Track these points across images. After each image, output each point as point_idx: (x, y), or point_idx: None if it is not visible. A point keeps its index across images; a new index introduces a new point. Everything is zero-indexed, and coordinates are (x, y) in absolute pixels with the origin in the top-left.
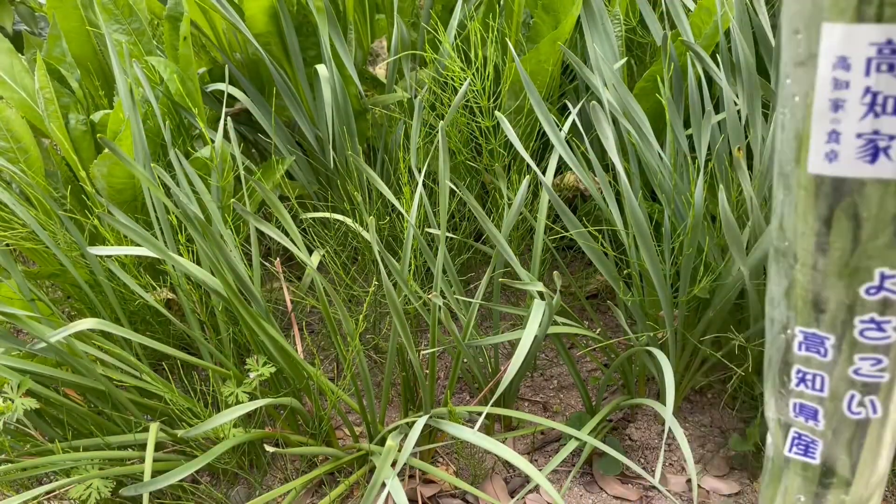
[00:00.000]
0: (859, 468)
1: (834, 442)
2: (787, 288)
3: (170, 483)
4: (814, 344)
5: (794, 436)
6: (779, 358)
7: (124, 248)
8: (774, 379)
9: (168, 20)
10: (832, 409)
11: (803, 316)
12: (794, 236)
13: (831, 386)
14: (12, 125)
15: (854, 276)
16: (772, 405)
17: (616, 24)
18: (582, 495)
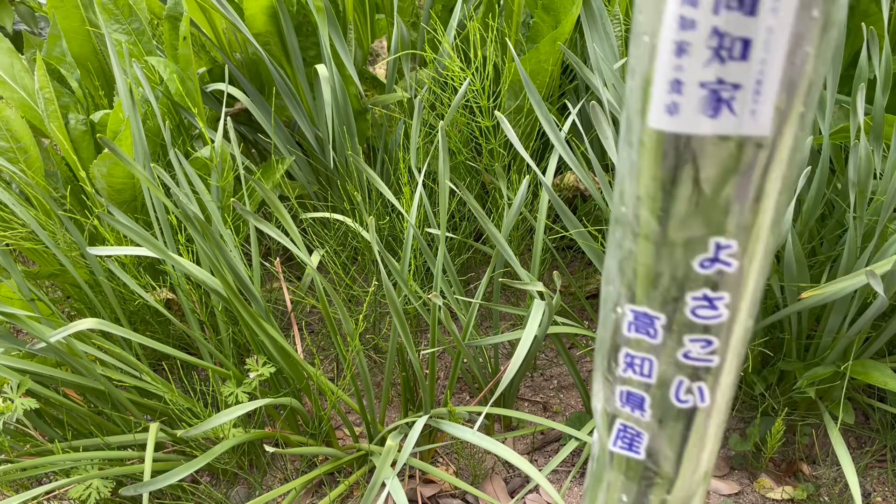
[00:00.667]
0: (683, 464)
1: (659, 434)
2: (620, 261)
3: (169, 483)
4: (643, 324)
5: (620, 428)
6: (608, 340)
7: (124, 248)
8: (603, 364)
9: (168, 20)
10: (659, 397)
11: (634, 292)
12: (632, 201)
13: (659, 371)
14: (12, 125)
15: (688, 248)
16: (599, 394)
17: (616, 24)
18: (582, 495)
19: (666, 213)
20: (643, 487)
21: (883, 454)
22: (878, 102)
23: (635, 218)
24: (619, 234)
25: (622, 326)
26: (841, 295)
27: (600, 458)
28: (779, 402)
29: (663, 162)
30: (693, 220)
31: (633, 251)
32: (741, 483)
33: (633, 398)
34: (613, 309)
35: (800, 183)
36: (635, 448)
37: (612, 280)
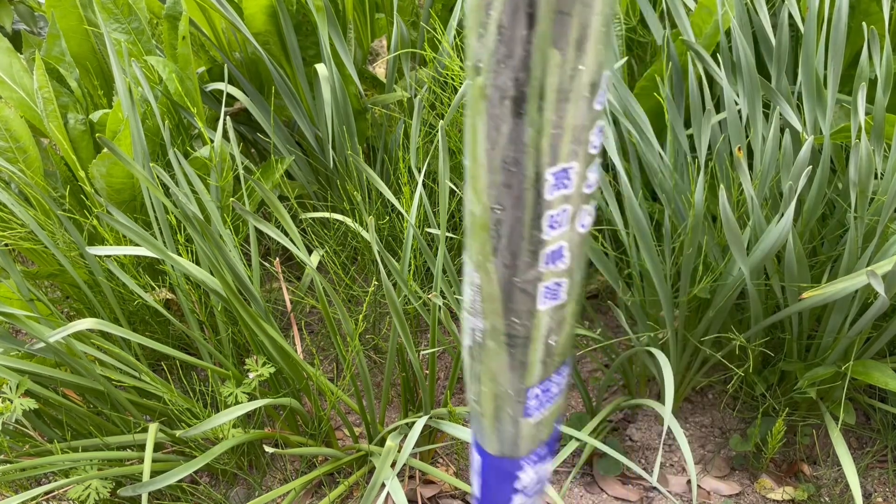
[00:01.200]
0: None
1: (574, 270)
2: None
3: (168, 483)
4: (561, 180)
5: (546, 288)
6: (527, 223)
7: (123, 248)
8: (525, 247)
9: (167, 19)
10: (569, 237)
11: (556, 155)
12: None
13: (571, 214)
14: (11, 125)
15: (593, 88)
16: (522, 272)
17: (616, 24)
18: (582, 496)
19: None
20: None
21: (884, 454)
22: (879, 102)
23: (540, 90)
24: (527, 116)
25: (544, 194)
26: (842, 295)
27: (494, 334)
28: (779, 402)
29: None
30: (595, 63)
31: (561, 114)
32: (742, 483)
33: (555, 253)
34: (532, 186)
35: (801, 183)
36: (559, 296)
37: (520, 163)
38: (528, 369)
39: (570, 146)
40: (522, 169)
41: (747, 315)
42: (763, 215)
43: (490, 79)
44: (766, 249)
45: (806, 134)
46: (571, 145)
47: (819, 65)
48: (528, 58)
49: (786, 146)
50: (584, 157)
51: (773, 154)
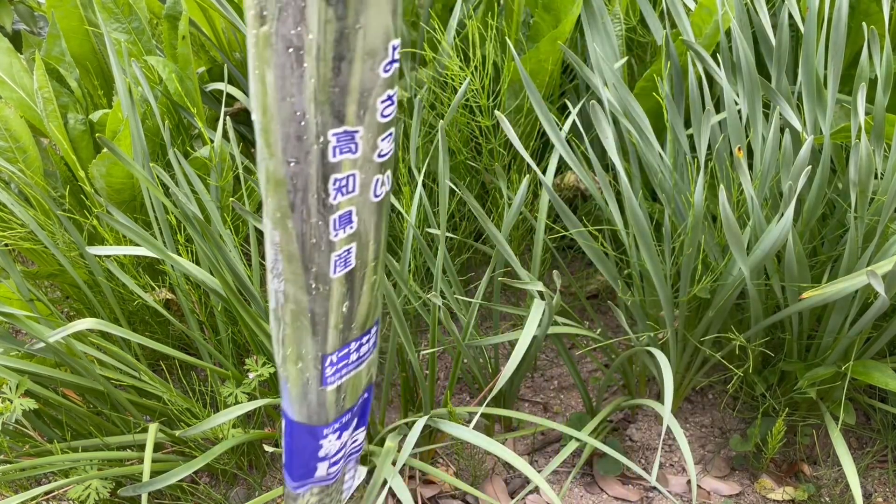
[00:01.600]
0: (381, 242)
1: (364, 233)
2: (314, 92)
3: (168, 483)
4: (346, 143)
5: (337, 257)
6: (314, 180)
7: (123, 248)
8: (312, 211)
9: (167, 19)
10: (361, 204)
11: (341, 115)
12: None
13: (361, 181)
14: (11, 124)
15: (375, 56)
16: (308, 230)
17: (616, 24)
18: (582, 496)
19: (350, 27)
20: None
21: (884, 454)
22: (879, 102)
23: (318, 43)
24: (308, 67)
25: (328, 155)
26: (842, 295)
27: (299, 299)
28: (780, 402)
29: None
30: (375, 27)
31: (339, 72)
32: (742, 484)
33: (343, 218)
34: (316, 142)
35: (800, 182)
36: (350, 261)
37: (306, 116)
38: (327, 338)
39: (354, 108)
40: (309, 123)
41: (747, 315)
42: (763, 215)
43: (274, 27)
44: (766, 249)
45: (806, 134)
46: (355, 108)
47: (819, 65)
48: (305, 8)
49: (786, 146)
50: (372, 123)
51: (773, 154)
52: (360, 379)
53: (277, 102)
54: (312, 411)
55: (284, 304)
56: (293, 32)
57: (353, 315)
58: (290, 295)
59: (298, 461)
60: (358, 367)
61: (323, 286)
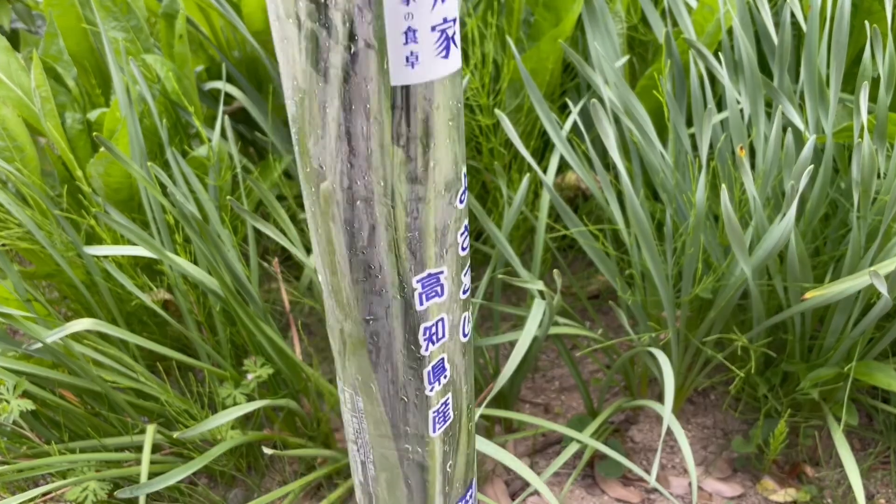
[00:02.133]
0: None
1: (459, 381)
2: (390, 242)
3: (166, 485)
4: (431, 286)
5: (437, 409)
6: (399, 337)
7: (121, 248)
8: (402, 373)
9: (164, 17)
10: (452, 349)
11: (421, 260)
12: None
13: (450, 324)
14: (8, 123)
15: (450, 188)
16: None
17: (618, 22)
18: (583, 498)
19: (425, 167)
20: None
21: (887, 456)
22: (882, 101)
23: (393, 191)
24: (382, 215)
25: (414, 303)
26: (844, 295)
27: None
28: (782, 403)
29: (407, 119)
30: (447, 159)
31: (416, 215)
32: (744, 485)
33: (437, 368)
34: (399, 292)
35: (803, 182)
36: (448, 415)
37: (383, 268)
38: (433, 497)
39: (435, 249)
40: (386, 275)
41: (749, 315)
42: (765, 215)
43: (336, 181)
44: (769, 249)
45: (808, 133)
46: (436, 248)
47: (821, 64)
48: (371, 155)
49: (788, 145)
50: (454, 260)
51: (776, 153)
52: None
53: (348, 260)
54: None
55: (377, 475)
56: (360, 184)
57: (455, 472)
58: (381, 461)
59: None
60: None
61: (421, 448)
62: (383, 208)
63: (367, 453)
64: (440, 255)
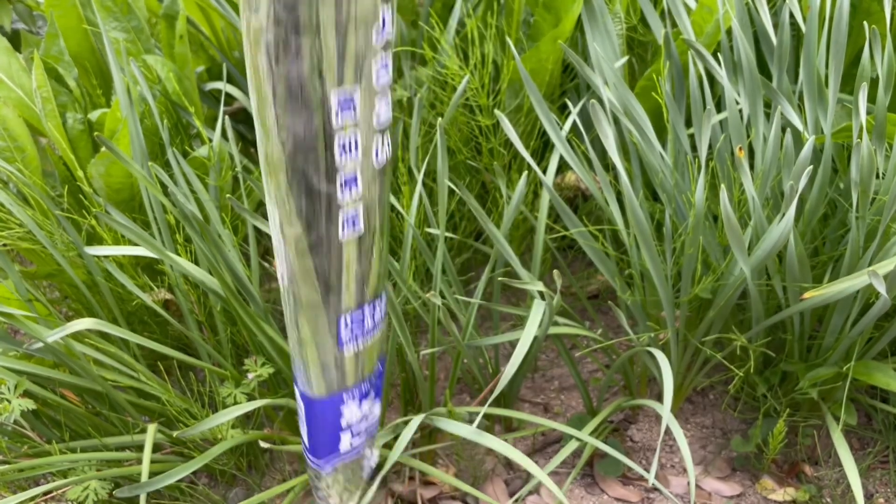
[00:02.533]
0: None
1: (369, 202)
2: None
3: (167, 484)
4: (347, 105)
5: (345, 218)
6: (317, 147)
7: (122, 248)
8: (318, 170)
9: (164, 18)
10: (365, 166)
11: (340, 76)
12: None
13: (363, 144)
14: (9, 124)
15: (367, 23)
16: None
17: (617, 23)
18: (583, 497)
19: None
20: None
21: (885, 455)
22: (881, 101)
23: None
24: (306, 41)
25: (332, 120)
26: (843, 295)
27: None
28: (781, 403)
29: None
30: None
31: (325, 43)
32: (743, 484)
33: (349, 181)
34: (320, 108)
35: (802, 182)
36: (358, 225)
37: (305, 88)
38: (340, 299)
39: (352, 72)
40: (308, 92)
41: (748, 315)
42: (764, 215)
43: (267, 14)
44: (768, 249)
45: (807, 133)
46: (353, 71)
47: (820, 64)
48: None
49: (787, 146)
50: (367, 87)
51: (775, 154)
52: (374, 348)
53: (273, 83)
54: (332, 378)
55: (296, 285)
56: (285, 12)
57: (365, 280)
58: (301, 273)
59: (322, 437)
60: (373, 334)
61: (333, 249)
62: (308, 38)
63: (288, 262)
64: (356, 78)
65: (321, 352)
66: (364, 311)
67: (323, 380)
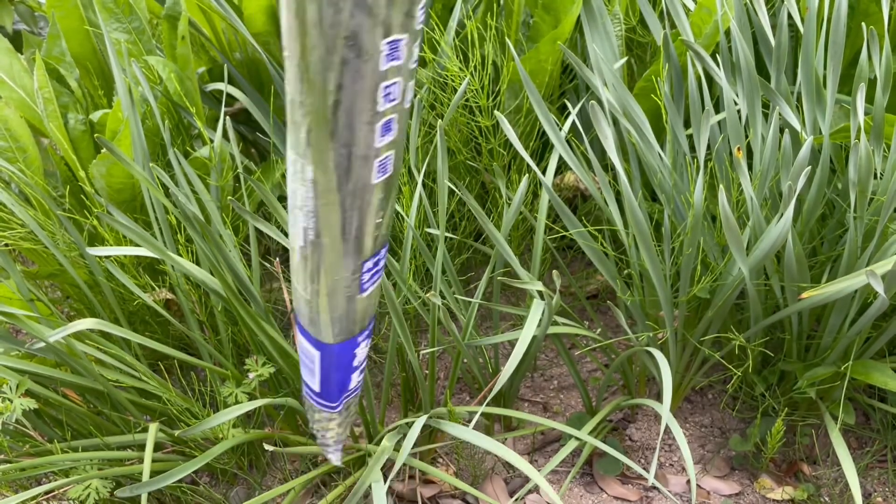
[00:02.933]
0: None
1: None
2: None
3: (168, 483)
4: (396, 51)
5: (379, 163)
6: (369, 91)
7: (123, 249)
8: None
9: (166, 19)
10: (399, 117)
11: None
12: None
13: (403, 89)
14: (11, 124)
15: None
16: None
17: (616, 24)
18: (582, 496)
19: None
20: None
21: (883, 454)
22: (879, 102)
23: None
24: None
25: (379, 66)
26: (841, 295)
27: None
28: (779, 402)
29: None
30: None
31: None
32: (741, 483)
33: (387, 125)
34: (370, 55)
35: (800, 183)
36: (388, 168)
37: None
38: (363, 245)
39: (401, 17)
40: (360, 42)
41: (747, 315)
42: (763, 215)
43: None
44: (766, 249)
45: (805, 134)
46: (402, 16)
47: (818, 65)
48: None
49: (785, 146)
50: (412, 31)
51: (773, 154)
52: (378, 287)
53: (319, 34)
54: (351, 323)
55: (318, 238)
56: None
57: (384, 223)
58: (326, 227)
59: (336, 380)
60: (381, 273)
61: (363, 197)
62: None
63: (311, 220)
64: (403, 25)
65: (341, 300)
66: (381, 253)
67: (341, 326)
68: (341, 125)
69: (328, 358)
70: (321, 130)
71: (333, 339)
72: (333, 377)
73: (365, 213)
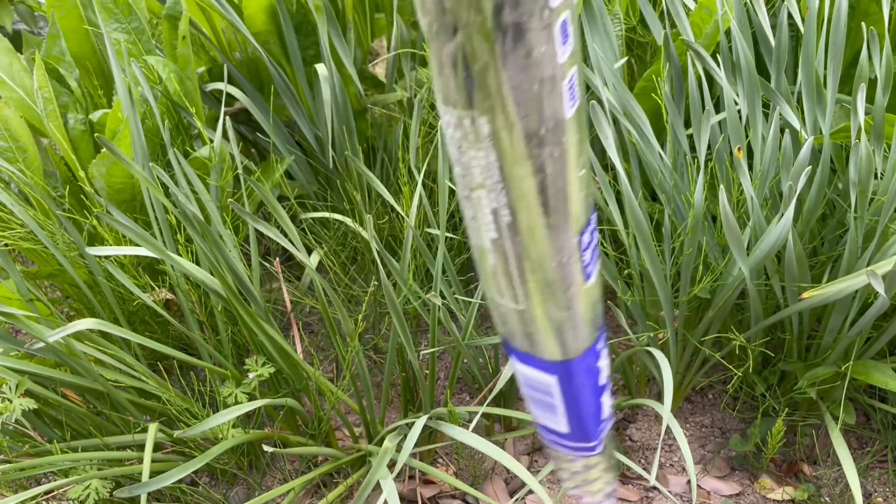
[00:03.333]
0: None
1: None
2: None
3: (168, 483)
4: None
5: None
6: None
7: (123, 248)
8: None
9: (167, 19)
10: None
11: None
12: None
13: None
14: (11, 124)
15: None
16: None
17: (616, 24)
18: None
19: None
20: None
21: (884, 454)
22: (879, 102)
23: None
24: None
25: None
26: (842, 295)
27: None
28: (779, 402)
29: None
30: None
31: None
32: (742, 483)
33: (564, 27)
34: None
35: (800, 182)
36: (575, 95)
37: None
38: (568, 213)
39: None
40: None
41: (747, 315)
42: (763, 215)
43: None
44: (766, 249)
45: (806, 134)
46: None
47: (819, 65)
48: None
49: (786, 146)
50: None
51: (773, 154)
52: (600, 273)
53: None
54: (584, 324)
55: (515, 218)
56: None
57: (585, 177)
58: (519, 197)
59: (587, 409)
60: (597, 252)
61: (557, 140)
62: None
63: (501, 196)
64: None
65: (561, 296)
66: (592, 221)
67: (572, 332)
68: (509, 39)
69: (568, 379)
70: (484, 53)
71: (566, 353)
72: (584, 405)
73: (564, 164)
